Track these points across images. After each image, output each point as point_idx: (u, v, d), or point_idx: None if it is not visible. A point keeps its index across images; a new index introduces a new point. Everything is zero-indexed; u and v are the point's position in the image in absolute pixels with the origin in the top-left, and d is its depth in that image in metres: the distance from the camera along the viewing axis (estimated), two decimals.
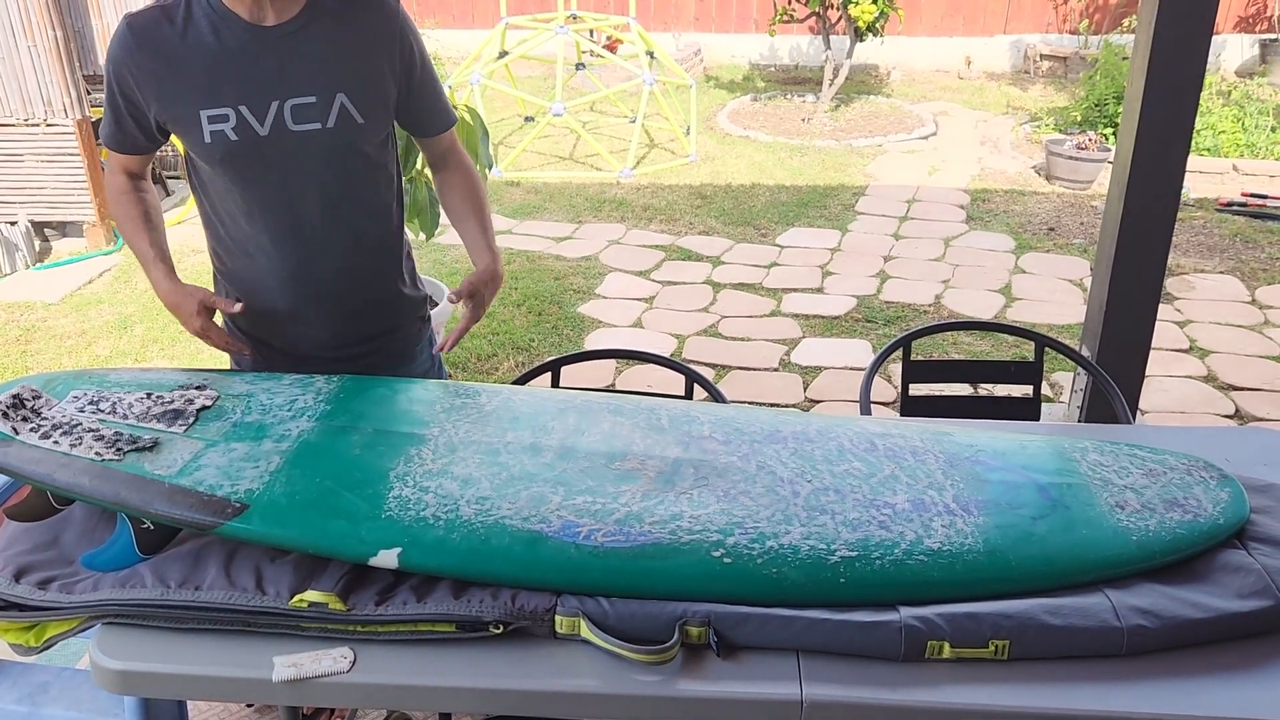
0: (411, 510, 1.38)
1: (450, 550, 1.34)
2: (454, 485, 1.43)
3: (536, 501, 1.41)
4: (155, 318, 4.42)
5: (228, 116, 1.66)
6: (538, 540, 1.35)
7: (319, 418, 1.57)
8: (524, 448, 1.52)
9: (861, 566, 1.35)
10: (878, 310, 4.49)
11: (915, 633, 1.29)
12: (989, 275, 4.88)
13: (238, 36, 1.65)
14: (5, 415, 1.49)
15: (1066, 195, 6.09)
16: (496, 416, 1.61)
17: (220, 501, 1.36)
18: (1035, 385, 2.28)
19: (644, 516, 1.39)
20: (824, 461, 1.54)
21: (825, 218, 5.72)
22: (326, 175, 1.75)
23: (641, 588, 1.33)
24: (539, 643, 1.33)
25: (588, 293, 4.71)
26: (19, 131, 5.05)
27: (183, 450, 1.46)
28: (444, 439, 1.53)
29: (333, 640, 1.33)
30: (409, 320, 1.99)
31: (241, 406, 1.59)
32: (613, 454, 1.52)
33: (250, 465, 1.43)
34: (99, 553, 1.44)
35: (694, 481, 1.47)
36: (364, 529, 1.35)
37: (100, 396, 1.57)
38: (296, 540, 1.36)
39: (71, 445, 1.44)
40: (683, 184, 6.31)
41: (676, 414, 1.65)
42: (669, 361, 2.25)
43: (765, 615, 1.32)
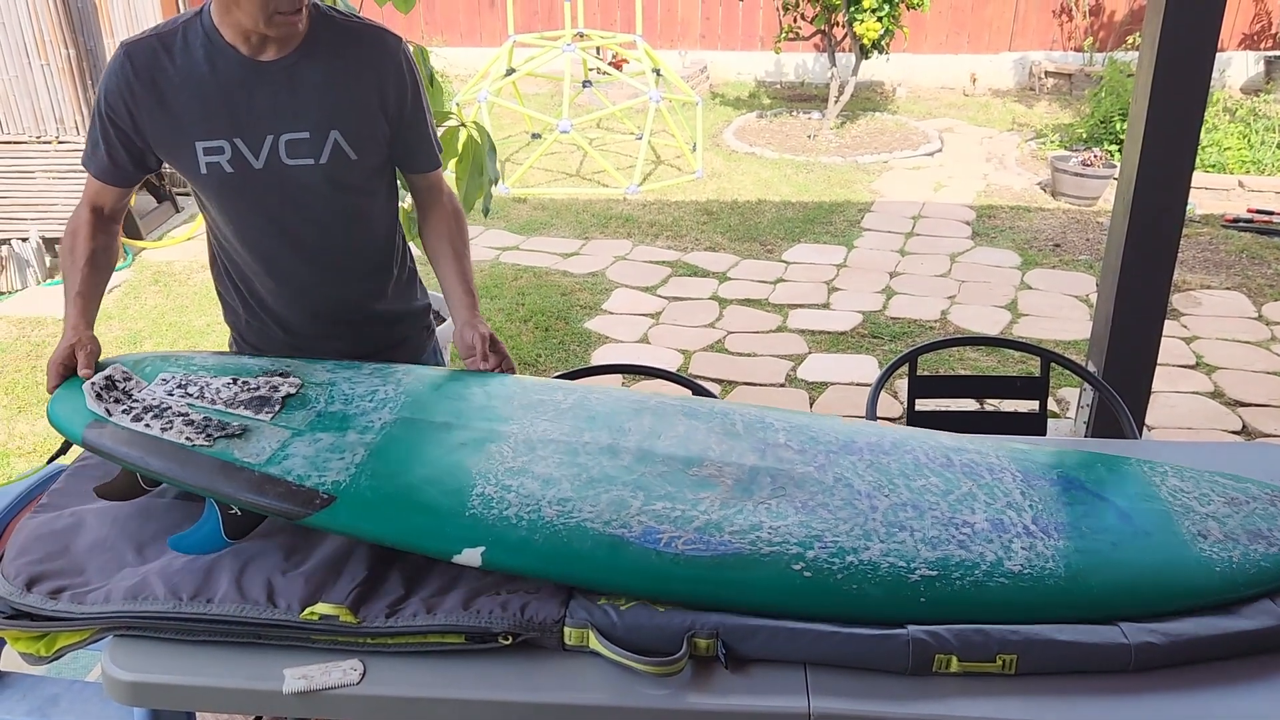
0: (494, 509, 1.38)
1: (533, 551, 1.34)
2: (535, 485, 1.42)
3: (617, 505, 1.40)
4: (164, 333, 4.45)
5: (223, 149, 1.68)
6: (619, 545, 1.35)
7: (400, 410, 1.57)
8: (602, 449, 1.52)
9: (942, 586, 1.34)
10: (884, 326, 4.50)
11: (923, 646, 1.29)
12: (995, 291, 4.89)
13: (234, 70, 1.66)
14: (99, 397, 1.51)
15: (1072, 211, 6.10)
16: (573, 415, 1.60)
17: (308, 492, 1.37)
18: (1041, 401, 2.28)
19: (724, 526, 1.38)
20: (900, 476, 1.53)
21: (831, 234, 5.74)
22: (320, 207, 1.77)
23: (721, 598, 1.33)
24: (548, 654, 1.34)
25: (594, 308, 4.73)
26: (31, 149, 5.10)
27: (270, 439, 1.47)
28: (522, 436, 1.53)
29: (343, 652, 1.33)
30: (413, 332, 2.00)
31: (325, 395, 1.59)
32: (690, 459, 1.51)
33: (336, 456, 1.44)
34: (186, 535, 1.46)
35: (772, 491, 1.46)
36: (448, 526, 1.36)
37: (188, 380, 1.59)
38: (381, 534, 1.37)
39: (163, 429, 1.45)
40: (689, 200, 6.33)
41: (751, 420, 1.64)
42: (676, 376, 2.26)
43: (773, 628, 1.32)
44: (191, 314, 4.67)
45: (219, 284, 1.94)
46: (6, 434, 3.64)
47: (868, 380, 4.00)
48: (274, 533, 1.49)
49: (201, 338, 4.41)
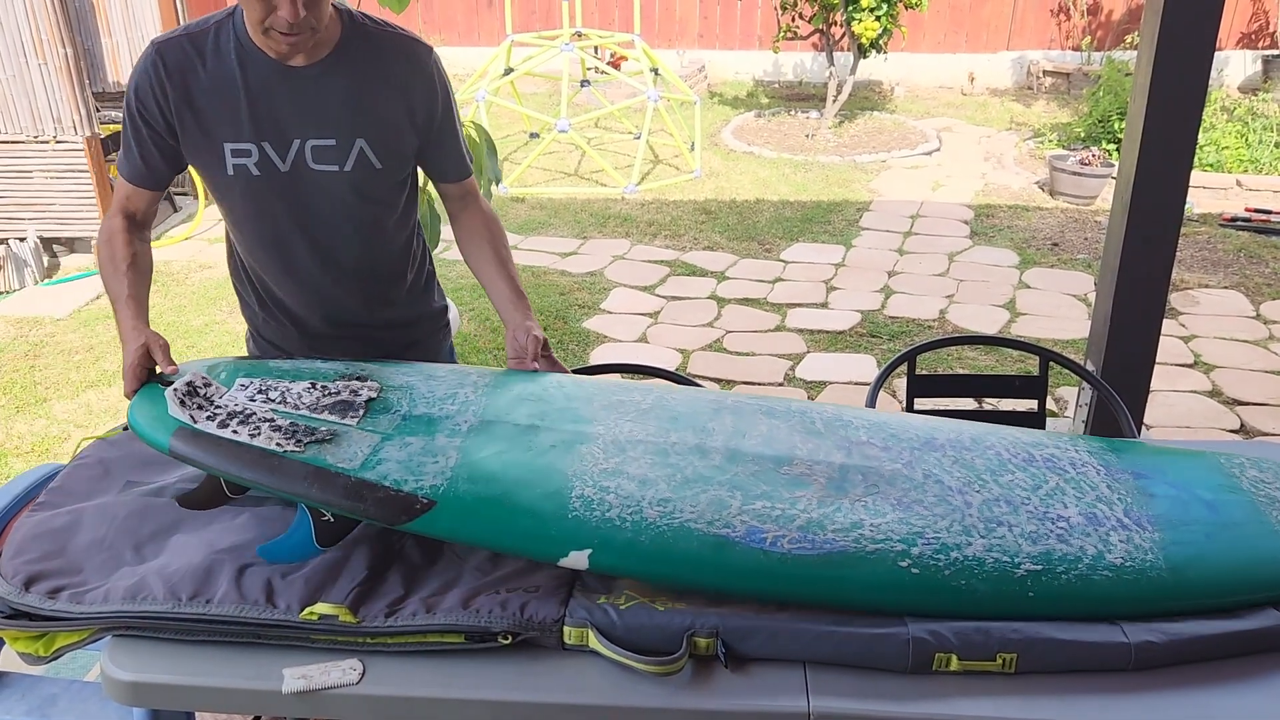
0: (596, 511, 1.37)
1: (639, 553, 1.34)
2: (632, 486, 1.42)
3: (717, 505, 1.40)
4: (163, 333, 4.42)
5: (250, 152, 1.68)
6: (724, 545, 1.34)
7: (482, 412, 1.56)
8: (690, 449, 1.51)
9: (1048, 581, 1.34)
10: (882, 325, 4.50)
11: (923, 645, 1.29)
12: (993, 290, 4.89)
13: (264, 74, 1.66)
14: (182, 403, 1.48)
15: (1070, 211, 6.10)
16: (655, 415, 1.60)
17: (407, 498, 1.35)
18: (1040, 400, 2.28)
19: (825, 524, 1.38)
20: (987, 472, 1.53)
21: (829, 233, 5.74)
22: (340, 213, 1.77)
23: (830, 597, 1.33)
24: (547, 654, 1.34)
25: (593, 308, 4.73)
26: (29, 148, 5.09)
27: (360, 443, 1.45)
28: (610, 437, 1.52)
29: (342, 652, 1.33)
30: (427, 333, 2.00)
31: (405, 399, 1.58)
32: (779, 458, 1.51)
33: (430, 460, 1.42)
34: (278, 544, 1.44)
35: (865, 489, 1.46)
36: (552, 528, 1.35)
37: (268, 385, 1.57)
38: (484, 538, 1.36)
39: (251, 435, 1.43)
40: (687, 200, 6.33)
41: (829, 417, 1.64)
42: (677, 376, 2.26)
43: (773, 627, 1.32)
44: (189, 314, 4.67)
45: (236, 280, 1.94)
46: (4, 434, 3.63)
47: (866, 379, 4.00)
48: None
49: (200, 337, 4.41)
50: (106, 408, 3.82)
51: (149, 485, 1.66)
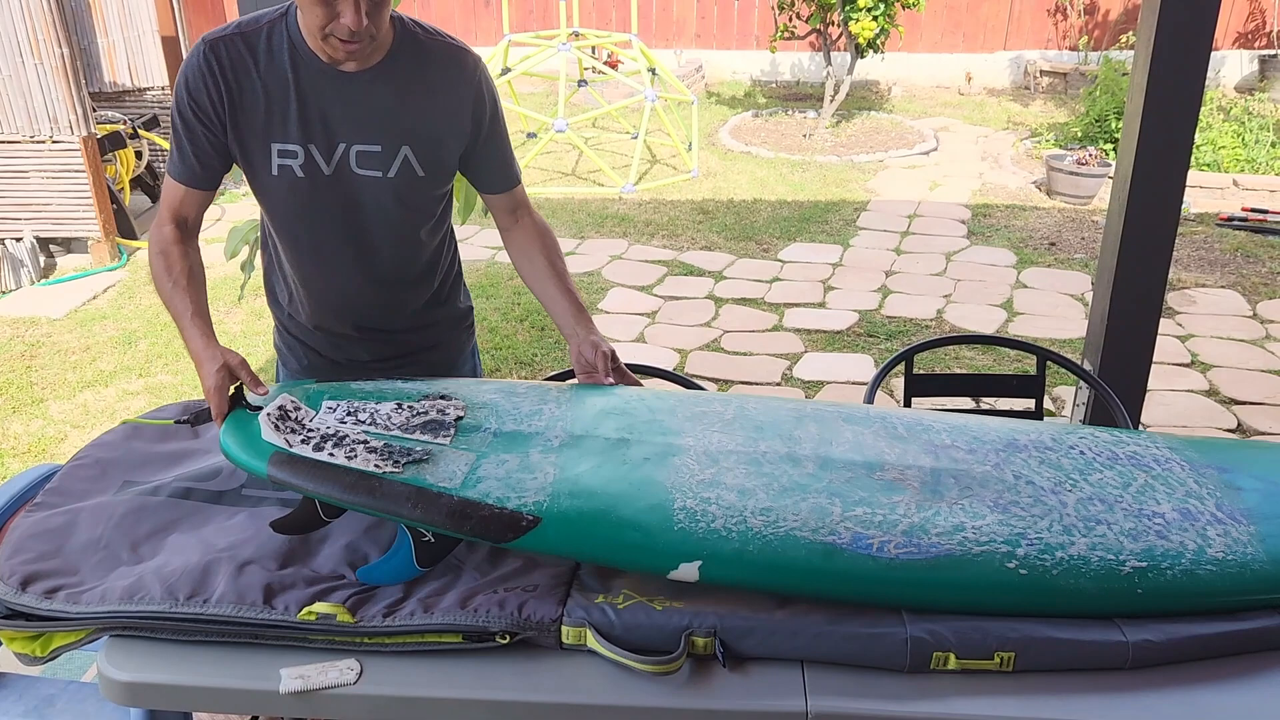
0: (700, 522, 1.37)
1: (748, 563, 1.33)
2: (732, 496, 1.41)
3: (819, 513, 1.40)
4: (160, 333, 4.44)
5: (297, 153, 1.68)
6: (832, 552, 1.34)
7: (571, 427, 1.56)
8: (781, 458, 1.51)
9: (1154, 577, 1.35)
10: (880, 325, 4.50)
11: (921, 644, 1.29)
12: (990, 290, 4.90)
13: (315, 77, 1.65)
14: (276, 428, 1.47)
15: (1067, 210, 6.11)
16: (740, 425, 1.60)
17: (512, 515, 1.35)
18: (1037, 399, 2.28)
19: (928, 528, 1.38)
20: (1075, 471, 1.53)
21: (827, 233, 5.74)
22: (379, 219, 1.76)
23: (940, 600, 1.33)
24: (545, 654, 1.34)
25: (590, 308, 4.71)
26: (25, 148, 5.08)
27: (457, 462, 1.44)
28: (700, 448, 1.52)
29: (340, 652, 1.33)
30: (452, 334, 2.00)
31: (493, 416, 1.58)
32: (870, 464, 1.51)
33: (528, 477, 1.42)
34: (378, 565, 1.43)
35: (959, 492, 1.46)
36: (659, 541, 1.35)
37: (356, 407, 1.57)
38: (591, 553, 1.36)
39: (348, 457, 1.42)
40: (685, 199, 6.33)
41: (910, 422, 1.65)
42: (677, 377, 2.26)
43: (771, 626, 1.32)
44: None
45: (268, 273, 1.95)
46: (1, 435, 3.63)
47: (864, 379, 4.00)
48: (271, 535, 1.49)
49: None
50: (103, 408, 3.82)
51: (146, 485, 1.66)
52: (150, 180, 6.03)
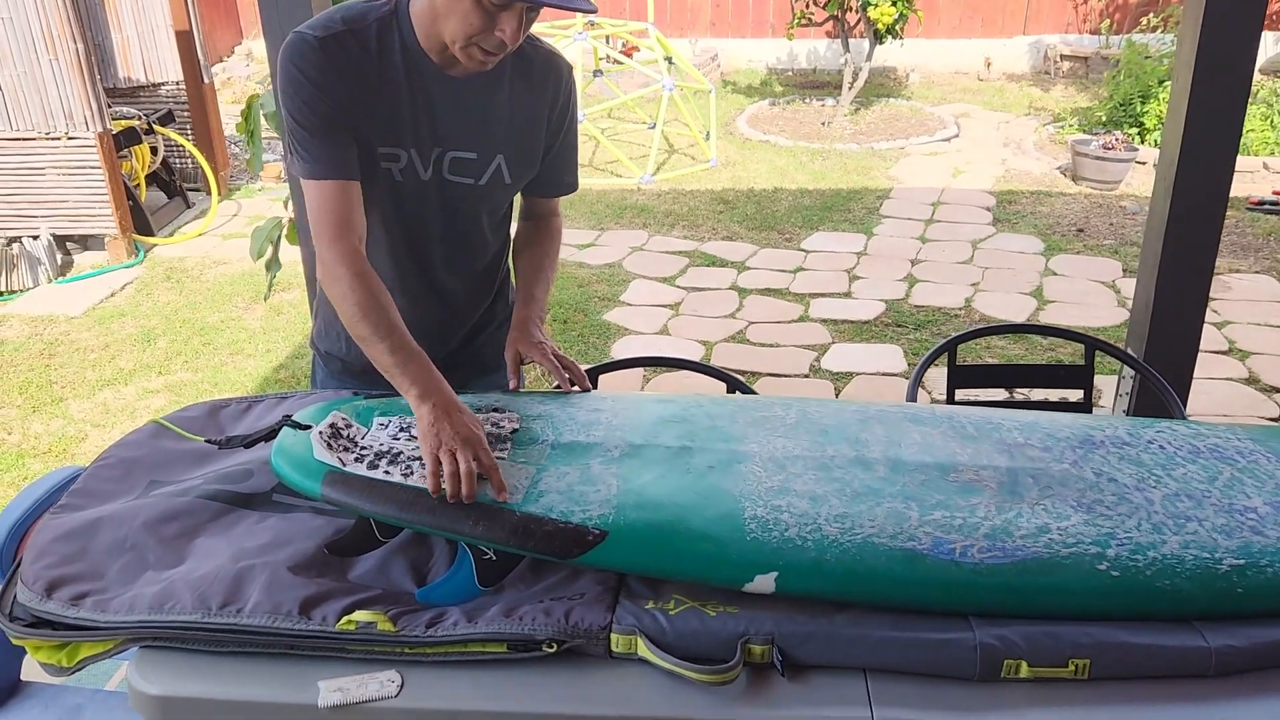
0: (773, 531, 1.31)
1: (827, 572, 1.27)
2: (804, 503, 1.35)
3: (896, 518, 1.34)
4: (178, 330, 4.40)
5: (399, 157, 1.61)
6: (915, 559, 1.28)
7: (629, 435, 1.51)
8: (851, 462, 1.46)
9: (1254, 575, 1.28)
10: (907, 314, 4.42)
11: (991, 651, 1.22)
12: (1019, 278, 4.81)
13: (425, 80, 1.59)
14: (329, 446, 1.42)
15: (1094, 196, 6.01)
16: (804, 429, 1.55)
17: (577, 530, 1.30)
18: (1086, 389, 2.21)
19: (1011, 531, 1.32)
20: (1157, 467, 1.47)
21: (850, 221, 5.66)
22: (461, 225, 1.71)
23: (1031, 606, 1.26)
24: (594, 663, 1.28)
25: (613, 300, 4.66)
26: (40, 145, 5.05)
27: (517, 476, 1.39)
28: (765, 454, 1.47)
29: (379, 663, 1.27)
30: (501, 332, 1.93)
31: (548, 428, 1.53)
32: (943, 466, 1.46)
33: (591, 490, 1.37)
34: (438, 585, 1.36)
35: (1040, 492, 1.40)
36: (733, 552, 1.29)
37: (408, 423, 1.51)
38: (662, 567, 1.30)
39: (403, 474, 1.37)
40: (704, 189, 6.26)
41: (978, 421, 1.59)
42: (709, 369, 2.19)
43: (831, 632, 1.25)
44: (205, 310, 4.62)
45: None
46: (21, 434, 3.59)
47: (894, 370, 3.92)
48: (304, 541, 1.43)
49: (216, 334, 4.36)
50: (123, 406, 3.78)
51: (172, 485, 1.60)
52: (166, 176, 5.99)
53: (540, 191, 1.83)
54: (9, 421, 3.67)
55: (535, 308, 1.77)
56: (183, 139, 6.03)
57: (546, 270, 1.83)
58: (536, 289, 1.79)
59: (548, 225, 1.88)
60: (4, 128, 4.99)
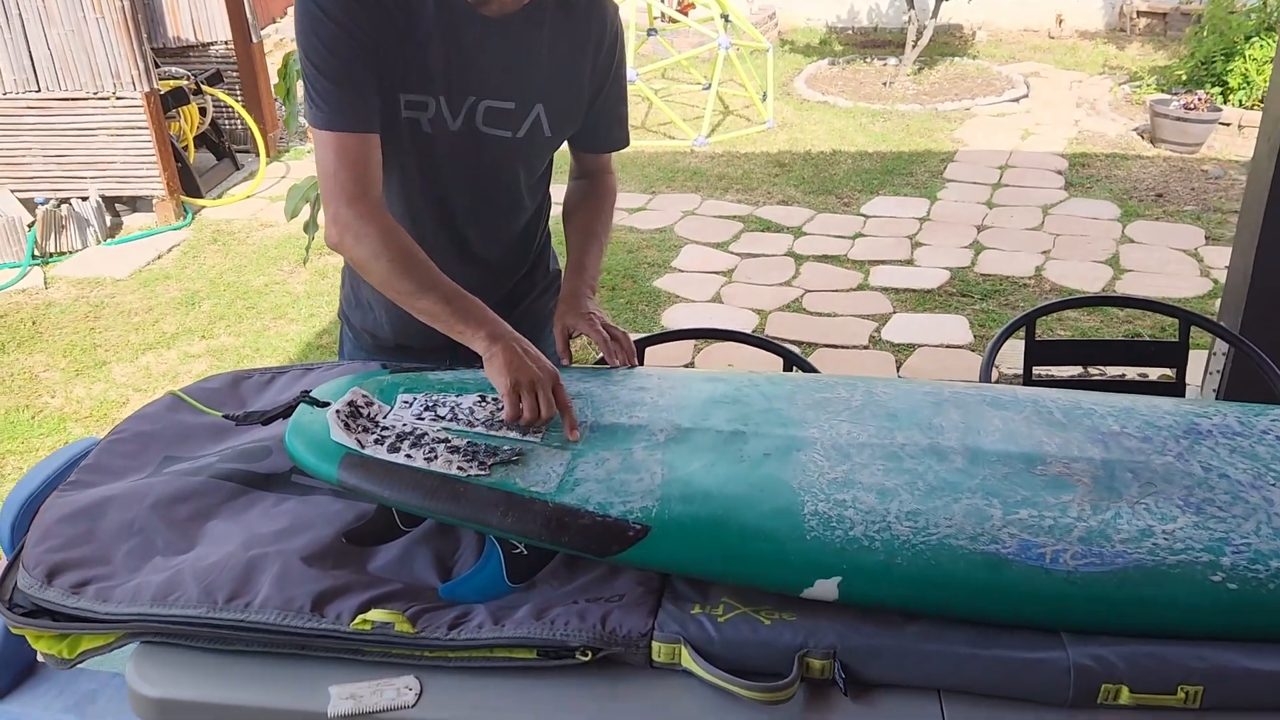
0: (836, 529, 1.17)
1: (897, 578, 1.13)
2: (871, 498, 1.21)
3: (975, 516, 1.19)
4: (222, 294, 4.34)
5: (427, 105, 1.47)
6: (998, 564, 1.13)
7: (675, 417, 1.37)
8: (924, 451, 1.31)
9: None
10: (973, 284, 4.21)
11: (1087, 674, 1.07)
12: (1093, 245, 4.56)
13: (458, 21, 1.44)
14: (347, 427, 1.30)
15: (1174, 159, 5.69)
16: (871, 413, 1.40)
17: (617, 525, 1.17)
18: (1179, 368, 2.02)
19: (1109, 534, 1.16)
20: (1276, 461, 1.30)
21: (912, 185, 5.43)
22: (497, 182, 1.58)
23: (1133, 622, 1.11)
24: (632, 673, 1.14)
25: (663, 266, 4.51)
26: (88, 105, 5.00)
27: (552, 462, 1.26)
28: (828, 441, 1.32)
29: (397, 667, 1.15)
30: (540, 302, 1.81)
31: (588, 408, 1.40)
32: (1029, 457, 1.30)
33: (633, 478, 1.24)
34: (463, 581, 1.25)
35: (1140, 489, 1.24)
36: (791, 553, 1.15)
37: (434, 401, 1.39)
38: (708, 567, 1.17)
39: (427, 459, 1.25)
40: (759, 152, 6.05)
41: (1067, 405, 1.43)
42: (765, 343, 2.04)
43: (901, 647, 1.11)
44: (250, 273, 4.56)
45: None
46: (64, 398, 3.56)
47: (958, 342, 3.73)
48: (322, 528, 1.32)
49: (260, 297, 4.29)
50: (165, 370, 3.73)
51: (188, 462, 1.50)
52: (215, 137, 5.94)
53: (587, 146, 1.68)
54: (52, 385, 3.63)
55: (586, 277, 1.62)
56: (231, 100, 5.96)
57: (599, 235, 1.68)
58: (587, 257, 1.65)
59: (599, 184, 1.72)
60: (52, 87, 4.95)
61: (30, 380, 3.67)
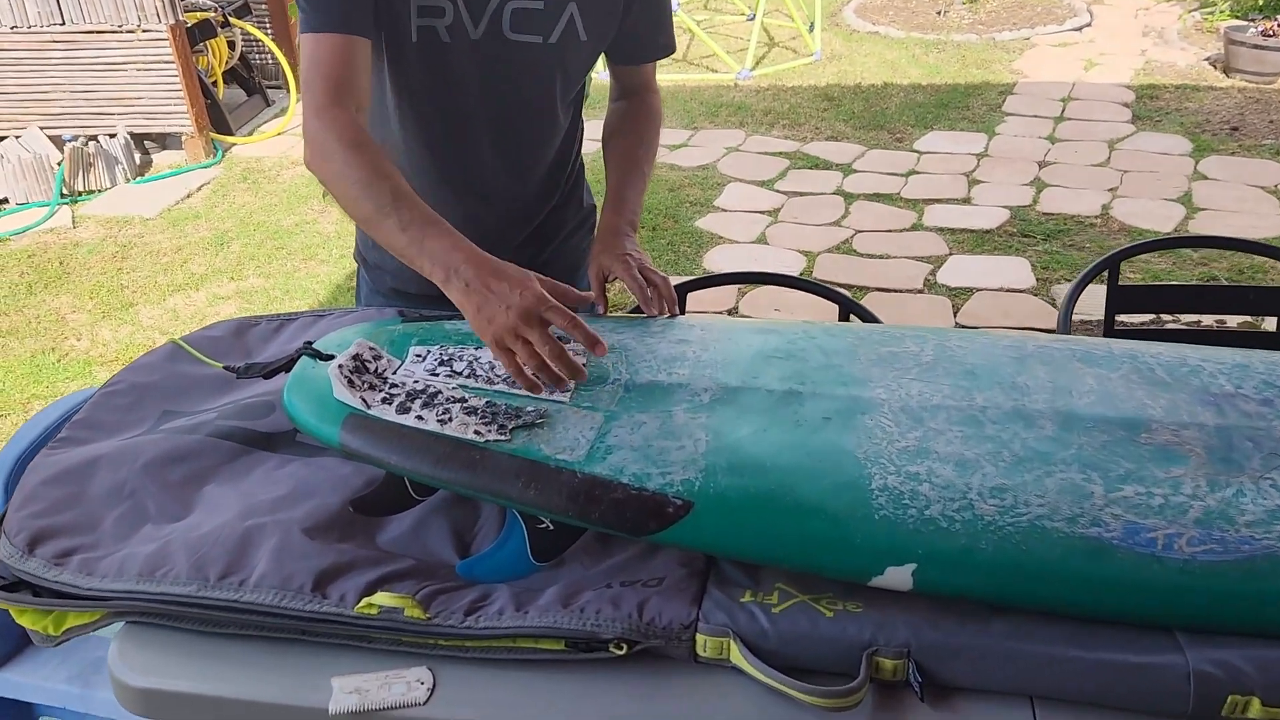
0: (910, 508, 1.01)
1: (981, 565, 0.97)
2: (948, 470, 1.05)
3: (1073, 494, 1.02)
4: (251, 234, 4.22)
5: (443, 11, 1.30)
6: (1101, 551, 0.97)
7: (719, 374, 1.22)
8: (1008, 415, 1.14)
9: None
10: (1035, 223, 3.97)
11: (1210, 682, 0.91)
12: (1164, 182, 4.28)
13: None
14: (350, 383, 1.16)
15: (1250, 90, 5.35)
16: (945, 370, 1.23)
17: (655, 499, 1.02)
18: None
19: (1232, 515, 1.00)
20: None
21: (968, 120, 5.15)
22: (527, 97, 1.41)
23: (1262, 621, 0.95)
24: (673, 668, 1.00)
25: (706, 205, 4.31)
26: (114, 39, 4.86)
27: (580, 426, 1.11)
28: (896, 402, 1.16)
29: (407, 656, 1.02)
30: (572, 241, 1.66)
31: (622, 363, 1.24)
32: (1130, 422, 1.13)
33: (674, 445, 1.08)
34: (483, 558, 1.12)
35: (1263, 461, 1.06)
36: (856, 535, 0.99)
37: (450, 354, 1.25)
38: (759, 550, 1.02)
39: (440, 420, 1.11)
40: (806, 85, 5.79)
41: (1170, 362, 1.25)
42: (820, 288, 1.86)
43: (985, 646, 0.95)
44: (280, 212, 4.43)
45: None
46: (90, 340, 3.47)
47: (1019, 285, 3.51)
48: (327, 495, 1.18)
49: (289, 238, 4.17)
50: (193, 313, 3.63)
51: (186, 418, 1.37)
52: (245, 73, 5.78)
53: (628, 56, 1.50)
54: (79, 327, 3.55)
55: (626, 212, 1.45)
56: (260, 33, 5.79)
57: (642, 164, 1.50)
58: (628, 188, 1.47)
59: (643, 106, 1.54)
60: (76, 20, 4.81)
61: (57, 322, 3.58)
